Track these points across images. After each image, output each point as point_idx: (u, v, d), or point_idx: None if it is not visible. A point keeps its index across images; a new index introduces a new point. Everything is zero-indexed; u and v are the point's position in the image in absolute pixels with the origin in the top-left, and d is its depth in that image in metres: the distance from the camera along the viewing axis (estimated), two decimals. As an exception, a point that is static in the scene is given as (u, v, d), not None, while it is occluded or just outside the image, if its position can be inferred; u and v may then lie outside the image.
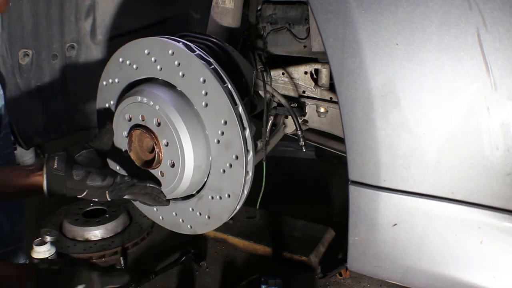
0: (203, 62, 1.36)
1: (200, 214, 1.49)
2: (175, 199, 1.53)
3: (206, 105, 1.37)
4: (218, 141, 1.38)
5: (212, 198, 1.45)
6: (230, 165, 1.38)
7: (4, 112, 1.63)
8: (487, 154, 1.15)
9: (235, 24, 1.72)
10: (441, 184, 1.23)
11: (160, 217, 1.61)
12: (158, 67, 1.44)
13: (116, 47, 1.54)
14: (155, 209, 1.60)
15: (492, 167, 1.16)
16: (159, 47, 1.43)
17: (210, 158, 1.42)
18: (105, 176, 1.31)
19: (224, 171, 1.40)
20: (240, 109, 1.36)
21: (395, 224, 1.32)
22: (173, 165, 1.41)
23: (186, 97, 1.41)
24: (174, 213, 1.56)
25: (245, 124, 1.37)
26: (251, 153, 1.38)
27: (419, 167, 1.24)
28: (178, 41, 1.42)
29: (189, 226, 1.54)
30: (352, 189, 1.35)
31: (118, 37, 2.22)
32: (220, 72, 1.38)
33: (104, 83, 1.60)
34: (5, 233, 1.75)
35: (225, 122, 1.35)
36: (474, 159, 1.17)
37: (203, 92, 1.36)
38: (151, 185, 1.41)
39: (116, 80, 1.56)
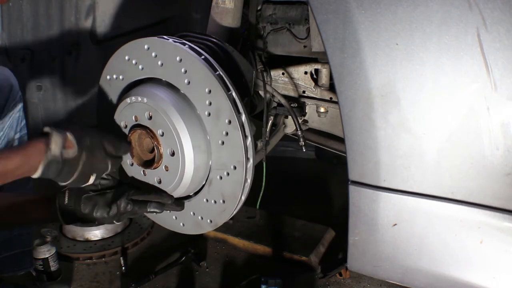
0: (177, 44, 1.37)
1: (215, 201, 1.47)
2: (188, 197, 1.53)
3: (189, 82, 1.38)
4: (209, 114, 1.37)
5: (221, 178, 1.43)
6: (226, 133, 1.36)
7: (22, 114, 1.65)
8: (487, 154, 1.15)
9: (235, 24, 1.72)
10: (441, 184, 1.23)
11: (181, 224, 1.58)
12: (140, 67, 1.46)
13: (116, 47, 1.54)
14: (174, 217, 1.59)
15: (492, 167, 1.16)
16: (136, 47, 1.45)
17: (208, 137, 1.41)
18: (110, 206, 1.38)
19: (222, 142, 1.38)
20: (221, 73, 1.36)
21: (395, 224, 1.32)
22: (173, 154, 1.41)
23: (172, 84, 1.42)
24: (192, 213, 1.53)
25: (230, 87, 1.35)
26: (243, 115, 1.36)
27: (419, 167, 1.24)
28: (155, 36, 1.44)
29: (209, 220, 1.51)
30: (352, 189, 1.35)
31: (118, 37, 2.22)
32: (197, 48, 1.38)
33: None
34: (13, 235, 1.75)
35: (209, 91, 1.35)
36: (474, 159, 1.17)
37: (182, 70, 1.37)
38: (152, 209, 1.44)
39: (109, 98, 1.59)
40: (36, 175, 1.24)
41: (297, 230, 2.36)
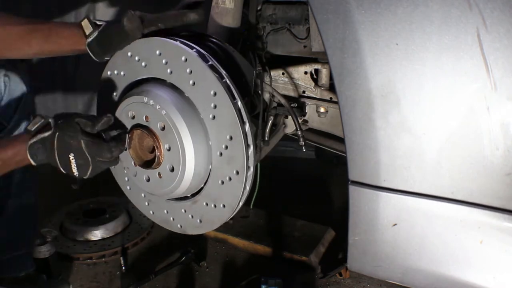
0: (216, 75, 1.35)
1: (192, 217, 1.50)
2: (186, 198, 1.54)
3: (214, 117, 1.38)
4: (221, 154, 1.39)
5: (207, 205, 1.47)
6: (230, 179, 1.39)
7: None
8: (487, 154, 1.15)
9: (235, 24, 1.72)
10: (441, 184, 1.23)
11: (151, 212, 1.61)
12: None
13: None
14: (146, 203, 1.61)
15: (492, 167, 1.16)
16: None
17: (210, 167, 1.43)
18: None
19: (222, 182, 1.41)
20: (247, 127, 1.37)
21: (395, 224, 1.33)
22: (172, 170, 1.42)
23: (194, 105, 1.41)
24: (165, 211, 1.57)
25: (249, 142, 1.37)
26: (251, 169, 1.39)
27: (419, 167, 1.24)
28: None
29: (179, 225, 1.56)
30: (352, 189, 1.35)
31: (118, 37, 2.21)
32: (231, 87, 1.37)
33: (109, 73, 1.60)
34: (13, 236, 1.74)
35: (231, 138, 1.36)
36: (474, 159, 1.17)
37: (212, 105, 1.37)
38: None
39: (122, 73, 1.57)
40: (31, 161, 1.31)
41: (297, 230, 2.36)
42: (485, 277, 1.27)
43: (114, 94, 1.58)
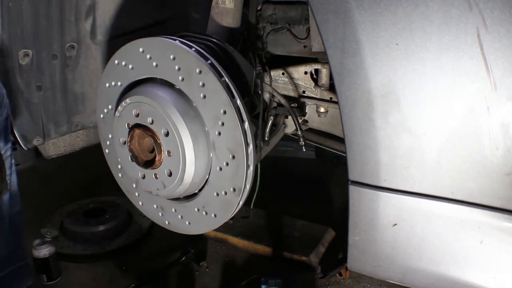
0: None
1: (227, 164, 1.47)
2: (206, 182, 1.53)
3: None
4: (182, 79, 1.42)
5: (219, 133, 1.44)
6: (203, 84, 1.40)
7: (9, 123, 1.64)
8: (487, 154, 1.15)
9: (235, 24, 1.72)
10: (441, 184, 1.23)
11: (213, 215, 1.55)
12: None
13: (116, 47, 1.54)
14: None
15: (492, 167, 1.16)
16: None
17: (195, 104, 1.44)
18: None
19: (204, 96, 1.42)
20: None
21: (395, 224, 1.32)
22: (167, 134, 1.44)
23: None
24: (215, 194, 1.53)
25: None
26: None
27: (419, 167, 1.24)
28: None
29: (232, 189, 1.49)
30: (352, 189, 1.35)
31: (118, 37, 2.22)
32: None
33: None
34: (11, 249, 1.72)
35: (173, 57, 1.41)
36: (474, 159, 1.17)
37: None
38: None
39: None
40: None
41: (297, 230, 2.36)
42: (485, 277, 1.27)
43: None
